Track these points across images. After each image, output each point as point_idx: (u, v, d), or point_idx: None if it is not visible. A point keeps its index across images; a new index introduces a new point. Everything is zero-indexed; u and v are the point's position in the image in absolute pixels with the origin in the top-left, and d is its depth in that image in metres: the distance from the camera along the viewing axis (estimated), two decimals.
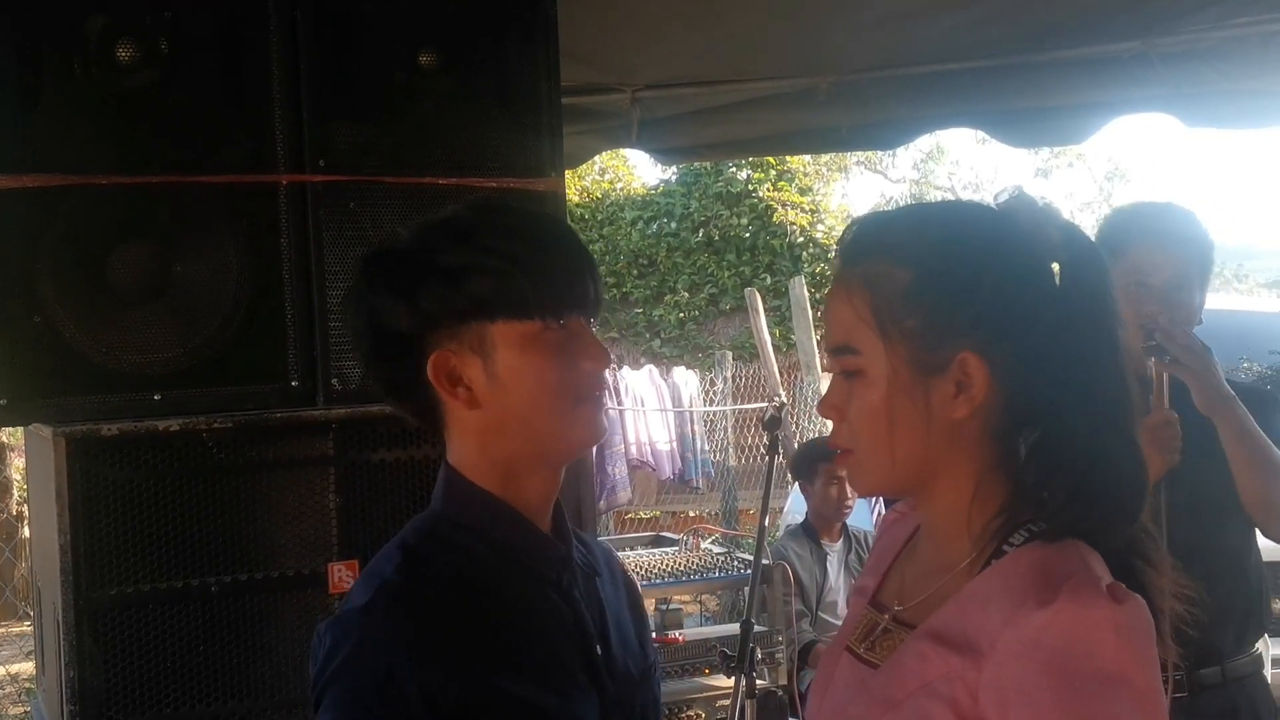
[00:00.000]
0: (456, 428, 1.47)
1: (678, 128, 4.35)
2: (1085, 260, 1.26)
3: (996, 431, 1.26)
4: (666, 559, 5.09)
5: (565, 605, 1.48)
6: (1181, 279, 2.57)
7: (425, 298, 1.41)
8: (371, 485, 2.38)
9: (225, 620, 2.28)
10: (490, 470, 1.46)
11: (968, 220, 1.30)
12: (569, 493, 2.59)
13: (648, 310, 15.65)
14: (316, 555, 2.35)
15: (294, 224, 2.43)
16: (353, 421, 2.37)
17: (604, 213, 16.16)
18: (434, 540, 1.46)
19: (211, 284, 2.37)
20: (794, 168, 15.95)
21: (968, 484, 1.26)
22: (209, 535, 2.27)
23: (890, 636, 1.31)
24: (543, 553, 1.49)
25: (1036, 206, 1.27)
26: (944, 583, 1.26)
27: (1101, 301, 1.25)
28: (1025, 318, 1.23)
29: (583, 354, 1.45)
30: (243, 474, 2.32)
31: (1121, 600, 1.12)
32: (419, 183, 2.50)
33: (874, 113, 4.11)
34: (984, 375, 1.23)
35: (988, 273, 1.23)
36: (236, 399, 2.38)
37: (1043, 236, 1.26)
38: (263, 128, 2.41)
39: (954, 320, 1.23)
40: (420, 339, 1.43)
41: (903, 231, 1.29)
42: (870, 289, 1.26)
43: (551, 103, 2.62)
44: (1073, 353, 1.22)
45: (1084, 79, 3.72)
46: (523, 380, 1.42)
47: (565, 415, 1.44)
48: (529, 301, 1.41)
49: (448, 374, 1.43)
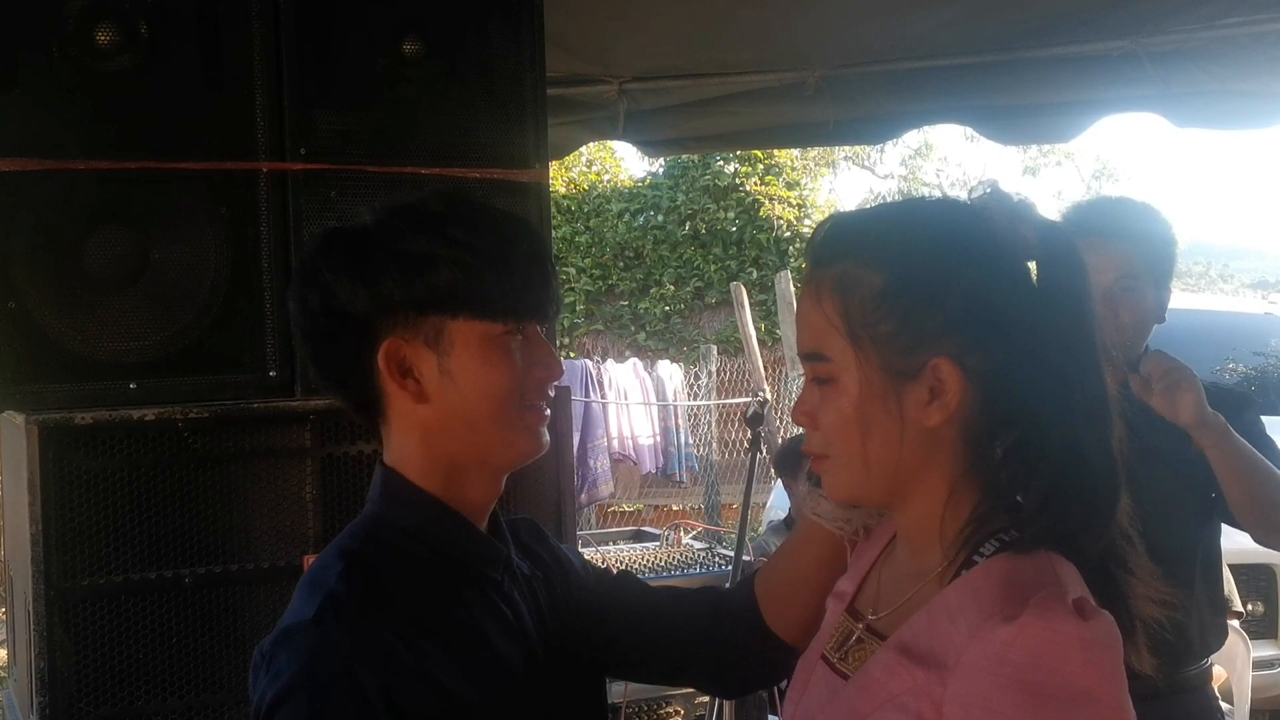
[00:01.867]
0: (399, 422, 1.44)
1: (665, 120, 4.34)
2: (1062, 258, 1.24)
3: (971, 437, 1.24)
4: (647, 554, 5.09)
5: (507, 608, 1.45)
6: (1129, 279, 2.46)
7: (387, 282, 1.37)
8: (348, 477, 2.37)
9: (199, 613, 2.26)
10: (432, 469, 1.43)
11: (940, 221, 1.27)
12: (549, 487, 2.60)
13: (633, 303, 15.65)
14: (292, 547, 2.33)
15: (274, 212, 2.41)
16: (330, 413, 2.35)
17: (590, 204, 16.15)
18: (375, 545, 1.42)
19: (189, 272, 2.35)
20: (782, 162, 15.95)
21: (941, 491, 1.25)
22: (183, 526, 2.26)
23: (862, 646, 1.29)
24: (486, 555, 1.46)
25: (1011, 203, 1.25)
26: (916, 591, 1.25)
27: (1079, 302, 1.23)
28: (1000, 321, 1.21)
29: (537, 362, 1.43)
30: (218, 464, 2.30)
31: (1089, 616, 1.10)
32: (401, 172, 2.48)
33: (862, 107, 4.11)
34: (958, 381, 1.21)
35: (961, 276, 1.21)
36: (213, 388, 2.36)
37: (1017, 235, 1.24)
38: (243, 114, 2.39)
39: (926, 325, 1.21)
40: (373, 324, 1.39)
41: (874, 233, 1.27)
42: (840, 294, 1.24)
43: (537, 93, 2.61)
44: (1050, 355, 1.21)
45: (1072, 77, 3.72)
46: (475, 381, 1.39)
47: (511, 422, 1.42)
48: (494, 302, 1.38)
49: (399, 363, 1.40)
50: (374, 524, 1.44)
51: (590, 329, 15.60)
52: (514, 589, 1.49)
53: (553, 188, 13.36)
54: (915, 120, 4.32)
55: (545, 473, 2.49)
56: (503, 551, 1.49)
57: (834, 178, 21.21)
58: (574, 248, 15.74)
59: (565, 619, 1.55)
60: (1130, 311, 2.47)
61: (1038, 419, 1.22)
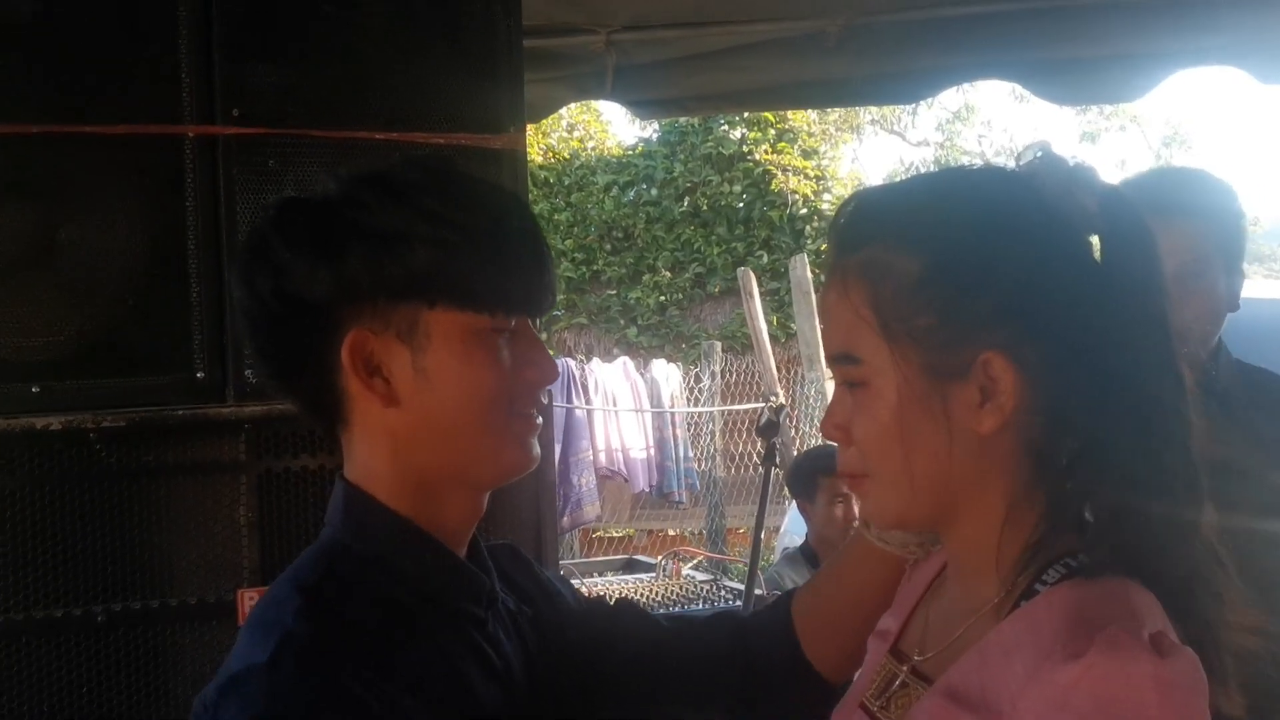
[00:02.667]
0: (364, 428, 1.43)
1: (660, 77, 4.34)
2: (1128, 231, 1.23)
3: (1032, 444, 1.24)
4: (641, 587, 5.10)
5: (491, 649, 1.45)
6: (1199, 262, 2.46)
7: (353, 263, 1.36)
8: (290, 497, 2.37)
9: (114, 656, 2.26)
10: (402, 486, 1.42)
11: (984, 192, 1.27)
12: (527, 508, 2.60)
13: (622, 292, 15.66)
14: (224, 580, 2.33)
15: (201, 184, 2.41)
16: (269, 421, 2.35)
17: (572, 176, 16.16)
18: (337, 578, 1.40)
19: (102, 254, 2.35)
20: (797, 126, 15.97)
21: (998, 509, 1.24)
22: (95, 555, 2.25)
23: (906, 692, 1.30)
24: (467, 589, 1.46)
25: (1067, 168, 1.25)
26: (967, 628, 1.24)
27: (1150, 280, 1.22)
28: (1058, 305, 1.21)
29: (528, 362, 1.43)
30: (137, 481, 2.29)
31: (1166, 654, 1.09)
32: (352, 137, 2.48)
33: (891, 62, 4.11)
34: (1013, 378, 1.21)
35: (1010, 254, 1.21)
36: (130, 392, 2.36)
37: (1075, 205, 1.24)
38: (165, 68, 2.39)
39: (973, 314, 1.21)
40: (335, 313, 1.38)
41: (907, 210, 1.27)
42: (870, 282, 1.24)
43: (511, 44, 2.61)
44: (1117, 343, 1.20)
45: (1139, 25, 3.73)
46: (455, 382, 1.38)
47: (496, 432, 1.41)
48: (479, 290, 1.37)
49: (365, 359, 1.38)
50: (334, 552, 1.43)
51: (572, 322, 15.61)
52: (498, 627, 1.48)
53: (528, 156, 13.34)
54: (954, 77, 4.32)
55: (522, 492, 2.49)
56: (486, 583, 1.48)
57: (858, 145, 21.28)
58: (553, 227, 15.74)
59: (555, 659, 1.55)
60: (1201, 299, 2.48)
61: (1105, 419, 1.21)
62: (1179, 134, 21.17)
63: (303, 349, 1.41)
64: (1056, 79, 4.05)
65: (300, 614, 1.34)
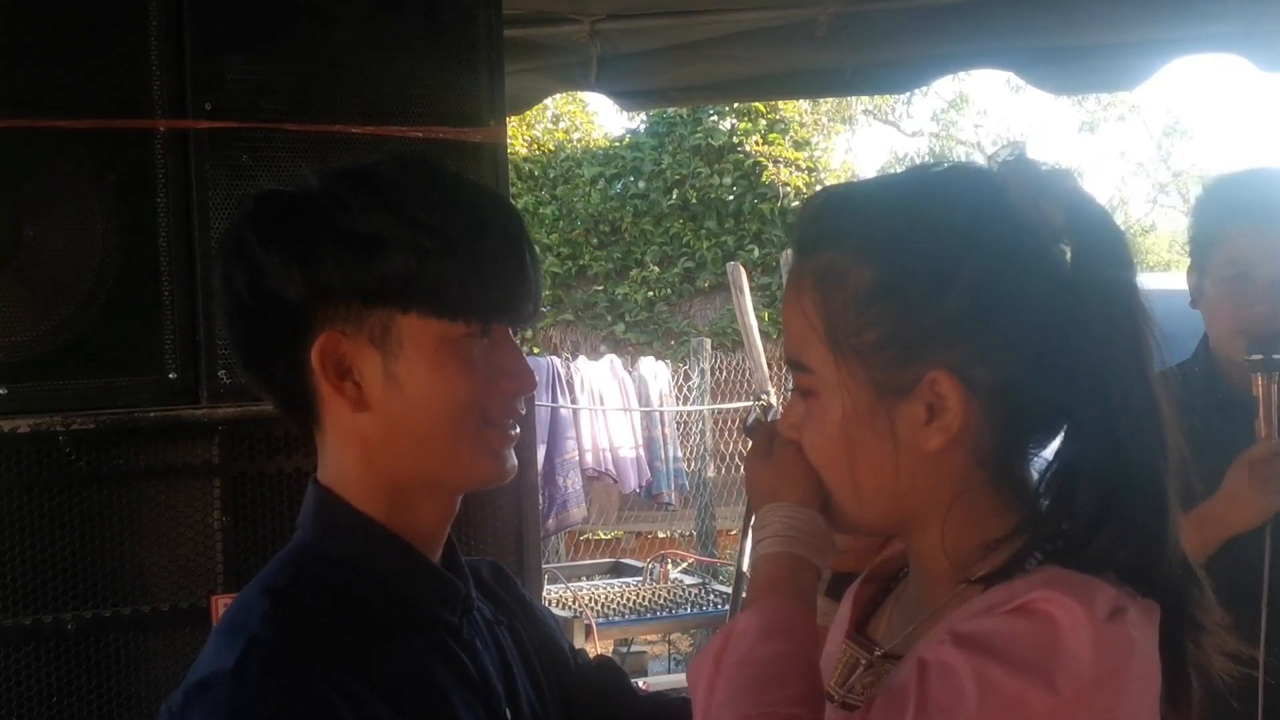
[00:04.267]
0: (335, 430, 1.44)
1: (645, 66, 4.34)
2: (1096, 242, 1.22)
3: (986, 458, 1.24)
4: (629, 591, 5.11)
5: (467, 659, 1.45)
6: None
7: (326, 266, 1.37)
8: (264, 501, 2.37)
9: (84, 665, 2.26)
10: (375, 491, 1.43)
11: (946, 198, 1.26)
12: (508, 511, 2.60)
13: (610, 288, 15.64)
14: (196, 586, 2.33)
15: (173, 180, 2.41)
16: (243, 423, 2.35)
17: (558, 169, 16.14)
18: (307, 582, 1.41)
19: (71, 253, 2.35)
20: (788, 117, 15.96)
21: (953, 522, 1.25)
22: (65, 561, 2.25)
23: (873, 671, 1.31)
24: (441, 594, 1.46)
25: (1036, 173, 1.24)
26: (934, 613, 1.26)
27: (1119, 295, 1.21)
28: (1015, 322, 1.21)
29: (504, 372, 1.43)
30: (107, 485, 2.30)
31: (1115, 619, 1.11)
32: (328, 131, 2.49)
33: (884, 50, 4.11)
34: (960, 397, 1.20)
35: (965, 267, 1.20)
36: (101, 394, 2.36)
37: (1040, 214, 1.22)
38: (135, 61, 2.39)
39: (922, 331, 1.21)
40: (308, 313, 1.39)
41: (865, 217, 1.26)
42: (822, 291, 1.24)
43: (491, 34, 2.61)
44: (1083, 358, 1.19)
45: (1135, 12, 3.74)
46: (426, 390, 1.39)
47: (468, 443, 1.41)
48: (455, 298, 1.38)
49: (336, 362, 1.39)
50: (305, 556, 1.44)
51: (558, 319, 15.59)
52: (475, 635, 1.49)
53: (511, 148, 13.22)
54: (948, 65, 4.33)
55: (503, 495, 2.49)
56: (461, 589, 1.49)
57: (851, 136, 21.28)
58: (538, 221, 15.72)
59: (536, 678, 1.56)
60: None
61: (1074, 435, 1.22)
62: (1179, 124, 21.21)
63: (276, 347, 1.42)
64: (1051, 67, 4.06)
65: (268, 618, 1.35)
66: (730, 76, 4.49)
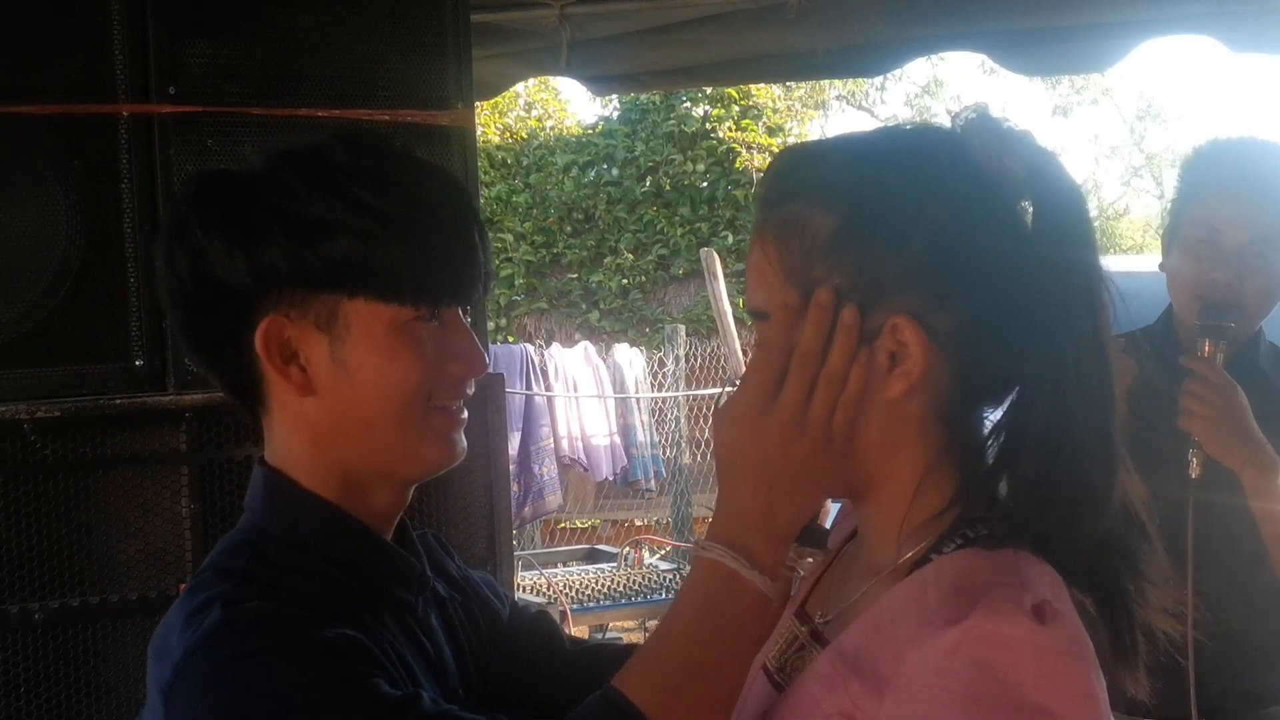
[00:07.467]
0: (283, 415, 1.43)
1: (617, 51, 4.34)
2: (1055, 199, 1.23)
3: (945, 412, 1.25)
4: (603, 577, 5.11)
5: (426, 639, 1.45)
6: (1264, 241, 2.49)
7: (269, 252, 1.36)
8: (233, 488, 2.36)
9: (52, 656, 2.25)
10: (326, 475, 1.42)
11: (910, 153, 1.28)
12: (479, 497, 2.59)
13: (584, 275, 15.64)
14: (165, 574, 2.32)
15: (137, 165, 2.40)
16: (211, 410, 2.35)
17: (531, 156, 16.12)
18: (265, 564, 1.39)
19: (34, 239, 2.33)
20: (761, 102, 15.97)
21: (910, 478, 1.25)
22: (32, 550, 2.24)
23: (802, 654, 1.31)
24: (396, 572, 1.46)
25: (998, 130, 1.25)
26: (864, 592, 1.26)
27: (1075, 251, 1.22)
28: (972, 272, 1.22)
29: (453, 355, 1.42)
30: (74, 474, 2.29)
31: (1048, 620, 1.11)
32: (293, 115, 2.48)
33: (856, 33, 4.11)
34: (921, 343, 1.21)
35: (927, 218, 1.21)
36: (66, 381, 2.35)
37: (1003, 170, 1.24)
38: (98, 45, 2.38)
39: (883, 277, 1.22)
40: (253, 297, 1.38)
41: (830, 167, 1.27)
42: (785, 239, 1.25)
43: (459, 18, 2.61)
44: (1039, 314, 1.21)
45: None
46: (373, 376, 1.38)
47: (414, 427, 1.40)
48: (402, 281, 1.37)
49: (280, 346, 1.38)
50: (258, 538, 1.42)
51: (532, 307, 15.58)
52: (430, 612, 1.48)
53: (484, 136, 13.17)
54: (921, 48, 4.33)
55: (474, 480, 2.48)
56: (416, 568, 1.48)
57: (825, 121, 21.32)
58: (510, 209, 15.70)
59: (485, 646, 1.56)
60: (1258, 279, 2.50)
61: (1024, 389, 1.23)
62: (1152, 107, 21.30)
63: (221, 332, 1.41)
64: (1023, 49, 4.07)
65: (238, 589, 1.33)
66: (701, 60, 4.49)
